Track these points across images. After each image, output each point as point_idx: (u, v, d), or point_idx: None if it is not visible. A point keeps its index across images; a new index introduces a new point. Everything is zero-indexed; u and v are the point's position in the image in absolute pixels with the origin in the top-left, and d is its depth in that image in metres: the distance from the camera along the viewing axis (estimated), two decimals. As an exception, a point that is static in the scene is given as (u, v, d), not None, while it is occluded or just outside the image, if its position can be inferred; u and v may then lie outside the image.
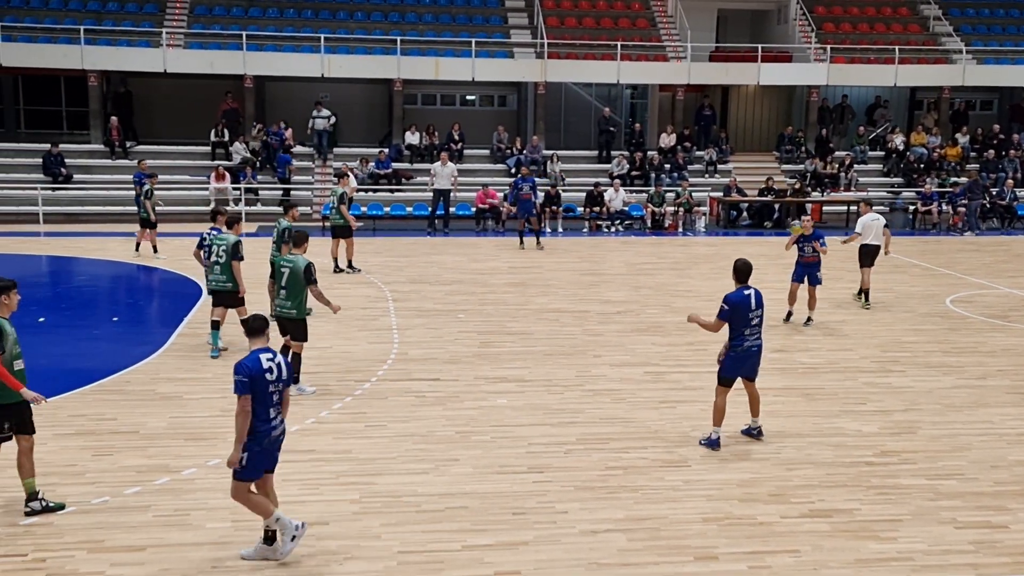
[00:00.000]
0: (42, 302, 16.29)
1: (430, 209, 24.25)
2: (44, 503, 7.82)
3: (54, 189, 25.39)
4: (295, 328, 11.01)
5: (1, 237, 22.15)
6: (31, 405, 7.66)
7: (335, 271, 18.27)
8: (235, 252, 12.37)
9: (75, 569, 6.95)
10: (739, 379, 9.68)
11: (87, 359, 12.53)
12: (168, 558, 7.13)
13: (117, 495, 8.21)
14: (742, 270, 9.58)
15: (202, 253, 13.10)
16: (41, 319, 14.73)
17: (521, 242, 22.12)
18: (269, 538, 7.13)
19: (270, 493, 7.24)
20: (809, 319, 14.85)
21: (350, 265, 18.55)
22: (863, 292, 16.36)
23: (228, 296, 12.46)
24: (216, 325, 12.65)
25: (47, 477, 8.50)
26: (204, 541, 7.43)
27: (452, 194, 24.25)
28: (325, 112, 27.62)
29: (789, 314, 14.93)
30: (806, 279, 14.76)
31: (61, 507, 7.87)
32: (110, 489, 8.31)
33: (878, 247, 16.10)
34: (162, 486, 8.44)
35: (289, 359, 10.80)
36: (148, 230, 20.00)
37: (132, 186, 22.24)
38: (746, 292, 9.46)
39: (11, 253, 20.53)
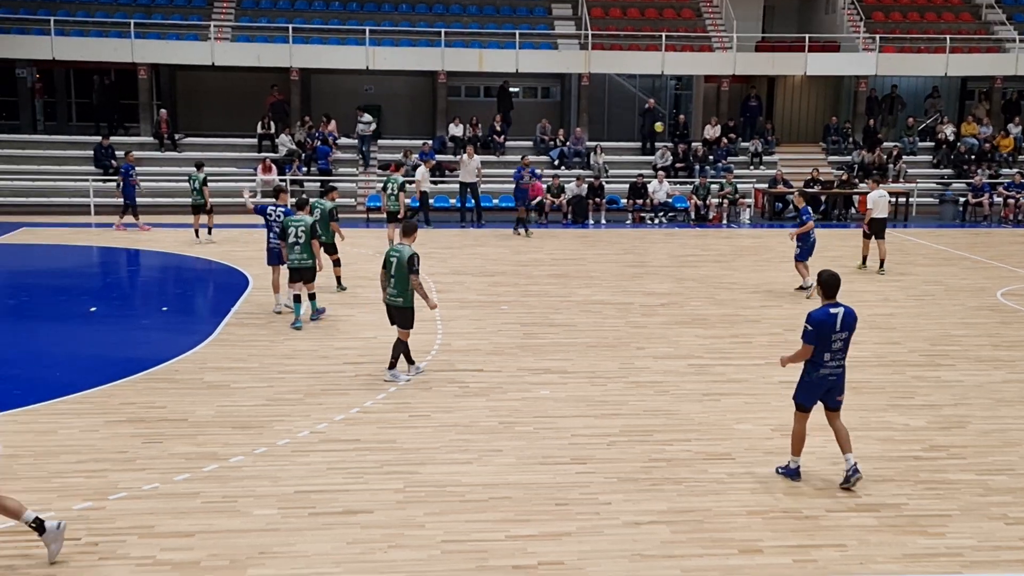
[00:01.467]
0: (93, 292, 16.63)
1: (461, 202, 24.58)
2: None
3: (104, 181, 25.81)
4: (402, 316, 11.29)
5: (53, 228, 22.61)
6: None
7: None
8: (313, 232, 13.55)
9: (127, 553, 7.09)
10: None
11: (137, 348, 12.73)
12: (216, 544, 7.25)
13: (167, 481, 8.35)
14: (829, 284, 8.28)
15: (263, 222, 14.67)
16: (92, 309, 15.02)
17: (516, 230, 22.80)
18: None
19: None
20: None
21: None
22: (873, 260, 18.27)
23: (308, 272, 13.63)
24: (298, 299, 13.67)
25: (99, 463, 8.70)
26: (251, 528, 7.53)
27: (480, 186, 24.40)
28: (367, 118, 27.90)
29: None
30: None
31: None
32: (160, 476, 8.46)
33: (886, 220, 18.60)
34: (210, 473, 8.56)
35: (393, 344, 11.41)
36: (203, 215, 20.96)
37: (118, 176, 23.02)
38: (832, 311, 8.19)
39: (63, 244, 20.97)
